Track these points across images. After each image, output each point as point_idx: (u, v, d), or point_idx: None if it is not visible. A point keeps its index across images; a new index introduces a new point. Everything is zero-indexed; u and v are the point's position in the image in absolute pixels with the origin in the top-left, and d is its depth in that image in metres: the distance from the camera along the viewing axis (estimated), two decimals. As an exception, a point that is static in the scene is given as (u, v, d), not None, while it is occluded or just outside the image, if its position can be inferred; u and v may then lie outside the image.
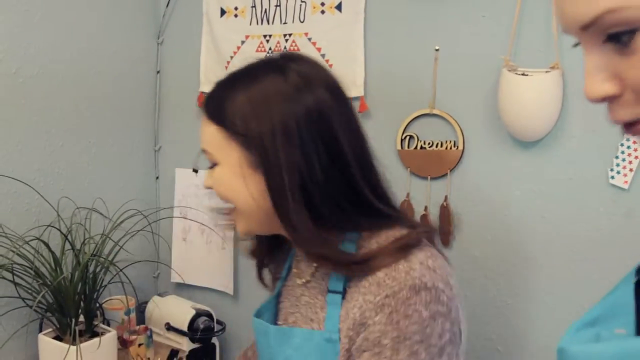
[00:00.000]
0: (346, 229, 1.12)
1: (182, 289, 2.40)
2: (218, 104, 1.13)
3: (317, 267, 1.19)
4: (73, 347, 1.75)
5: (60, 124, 1.99)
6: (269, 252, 1.34)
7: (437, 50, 1.77)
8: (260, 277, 1.37)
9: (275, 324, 1.24)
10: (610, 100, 0.65)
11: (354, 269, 1.07)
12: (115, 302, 2.10)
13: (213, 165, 1.15)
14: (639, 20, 0.59)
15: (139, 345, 2.03)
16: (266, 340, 1.20)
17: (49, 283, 1.74)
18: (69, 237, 1.79)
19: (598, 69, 0.64)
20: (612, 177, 1.60)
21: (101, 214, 2.02)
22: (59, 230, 1.79)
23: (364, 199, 1.11)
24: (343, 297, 1.10)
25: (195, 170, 1.46)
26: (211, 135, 1.12)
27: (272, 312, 1.26)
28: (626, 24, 0.59)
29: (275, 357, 1.18)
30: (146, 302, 2.28)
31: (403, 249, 1.06)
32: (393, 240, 1.08)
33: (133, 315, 2.13)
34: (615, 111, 0.65)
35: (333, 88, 1.12)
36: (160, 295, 2.33)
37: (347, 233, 1.13)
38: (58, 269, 1.76)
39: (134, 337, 2.03)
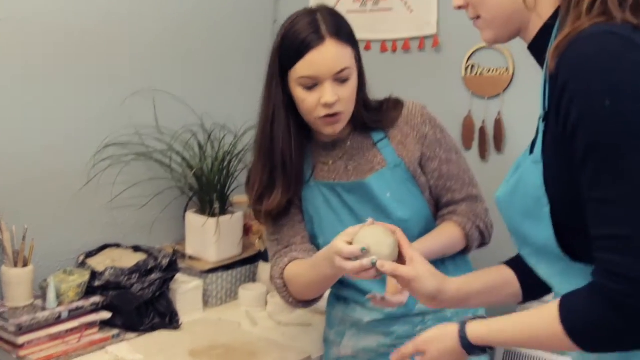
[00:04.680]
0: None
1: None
2: (346, 31, 1.71)
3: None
4: (212, 219, 2.35)
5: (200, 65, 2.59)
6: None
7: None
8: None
9: None
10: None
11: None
12: (241, 198, 2.67)
13: (344, 80, 1.69)
14: None
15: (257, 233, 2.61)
16: None
17: (194, 167, 2.35)
18: (211, 135, 2.40)
19: None
20: None
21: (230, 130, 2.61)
22: (204, 129, 2.40)
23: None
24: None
25: None
26: (349, 55, 1.70)
27: None
28: None
29: None
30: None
31: (395, 106, 1.82)
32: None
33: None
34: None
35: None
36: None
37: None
38: (202, 157, 2.36)
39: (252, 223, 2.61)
